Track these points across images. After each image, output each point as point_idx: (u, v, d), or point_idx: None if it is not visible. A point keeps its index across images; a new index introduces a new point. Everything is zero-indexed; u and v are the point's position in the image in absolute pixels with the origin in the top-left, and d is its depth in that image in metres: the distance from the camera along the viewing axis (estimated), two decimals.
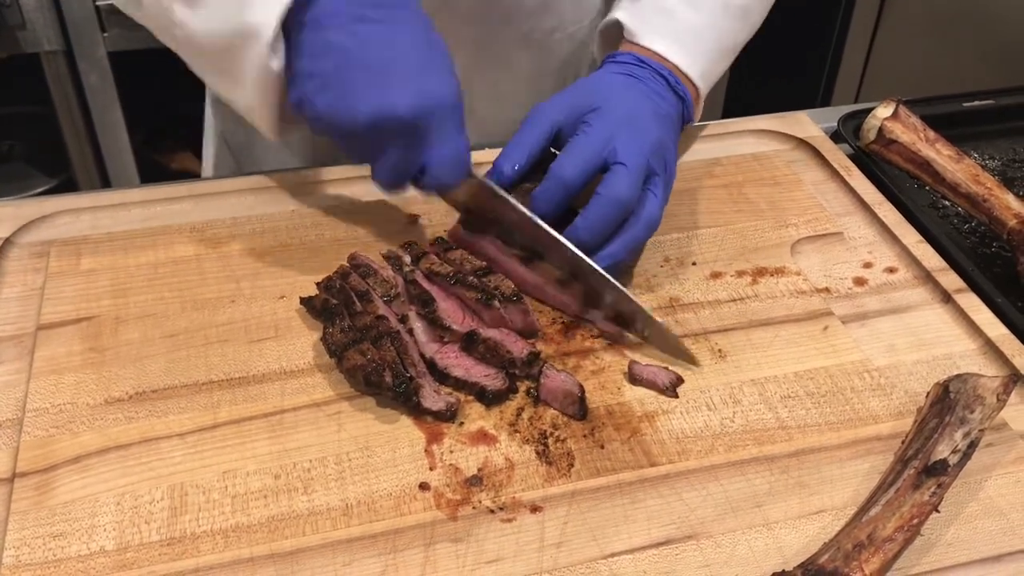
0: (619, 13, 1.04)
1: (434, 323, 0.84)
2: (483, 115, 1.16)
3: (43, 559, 0.69)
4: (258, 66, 0.84)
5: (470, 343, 0.83)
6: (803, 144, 1.14)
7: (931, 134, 1.09)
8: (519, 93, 1.18)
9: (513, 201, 0.88)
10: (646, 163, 0.89)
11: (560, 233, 0.87)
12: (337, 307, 0.84)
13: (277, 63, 0.84)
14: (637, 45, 1.01)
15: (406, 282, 0.87)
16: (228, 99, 0.93)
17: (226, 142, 1.27)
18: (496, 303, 0.85)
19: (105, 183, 2.29)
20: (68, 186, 2.30)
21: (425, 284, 0.86)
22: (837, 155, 1.12)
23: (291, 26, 0.84)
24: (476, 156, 0.92)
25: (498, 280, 0.86)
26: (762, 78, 2.72)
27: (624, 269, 0.93)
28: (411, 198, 1.01)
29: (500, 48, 1.14)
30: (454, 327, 0.84)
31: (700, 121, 1.17)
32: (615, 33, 1.05)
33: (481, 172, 0.90)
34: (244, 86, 0.87)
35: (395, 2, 0.85)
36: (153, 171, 2.40)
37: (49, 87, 2.15)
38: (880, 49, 2.58)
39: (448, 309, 0.85)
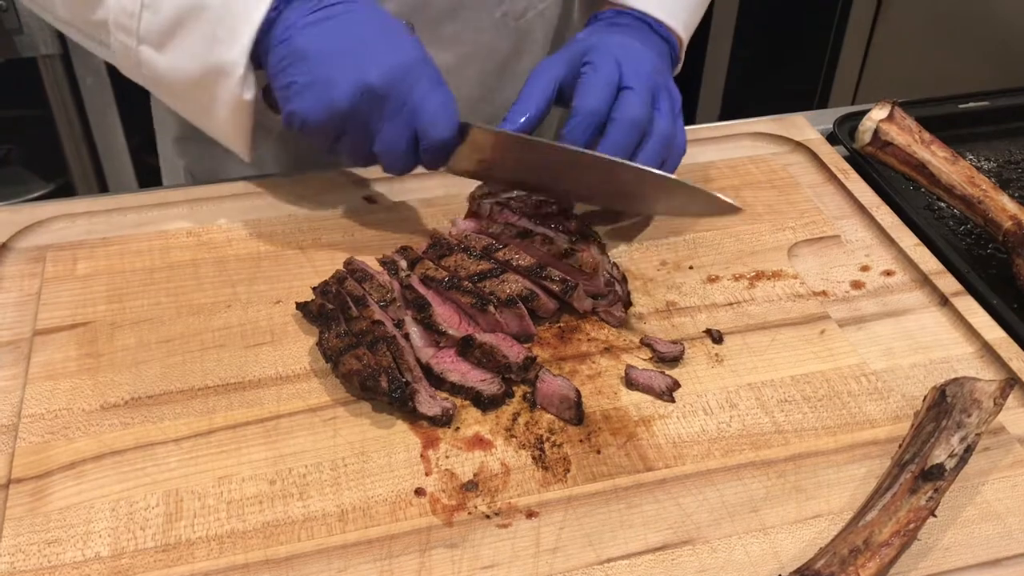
0: None
1: (430, 328, 0.84)
2: (473, 111, 1.16)
3: (38, 566, 0.68)
4: (231, 99, 0.89)
5: (466, 348, 0.83)
6: (800, 147, 1.14)
7: (927, 136, 1.09)
8: (500, 81, 1.19)
9: (527, 135, 0.90)
10: (650, 83, 0.93)
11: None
12: (333, 312, 0.84)
13: (249, 94, 0.89)
14: (618, 4, 1.04)
15: (402, 287, 0.87)
16: (201, 127, 0.97)
17: (192, 176, 1.27)
18: (491, 308, 0.85)
19: (103, 187, 2.28)
20: (65, 190, 2.30)
21: (421, 289, 0.86)
22: (834, 158, 1.12)
23: (259, 52, 0.88)
24: None
25: (493, 285, 0.86)
26: (759, 80, 2.72)
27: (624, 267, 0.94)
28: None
29: (479, 38, 1.15)
30: (450, 332, 0.84)
31: (697, 124, 1.17)
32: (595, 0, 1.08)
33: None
34: (217, 117, 0.92)
35: None
36: (150, 175, 2.39)
37: (46, 91, 2.15)
38: (877, 51, 2.58)
39: (444, 314, 0.85)
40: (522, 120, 0.92)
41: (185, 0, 0.87)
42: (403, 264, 0.90)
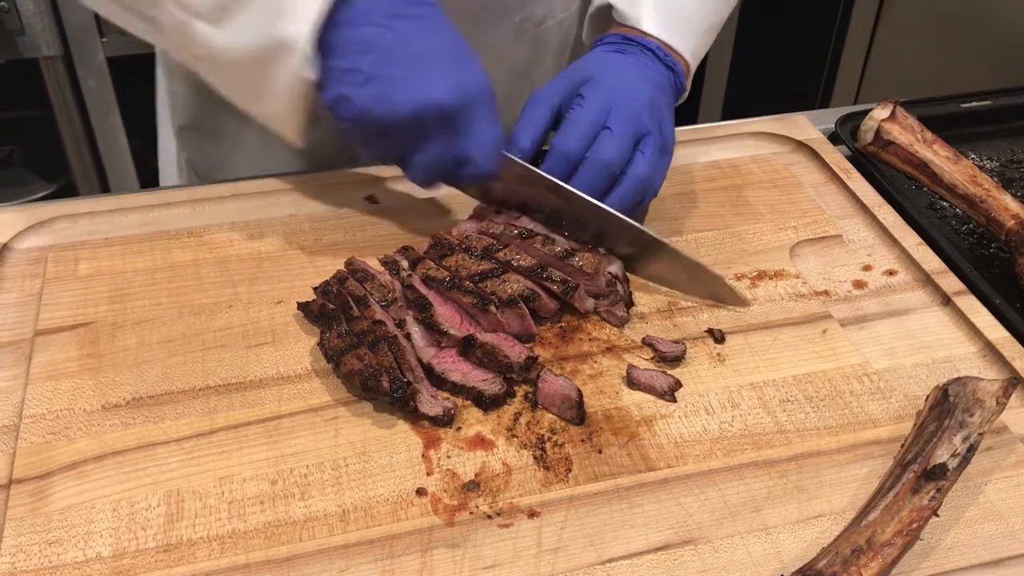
0: None
1: (431, 328, 0.84)
2: None
3: (39, 566, 0.68)
4: (291, 77, 0.85)
5: (468, 348, 0.83)
6: (802, 146, 1.14)
7: (929, 135, 1.09)
8: (516, 87, 1.18)
9: (546, 175, 0.90)
10: (634, 126, 0.91)
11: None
12: (334, 312, 0.84)
13: (312, 73, 0.85)
14: (626, 27, 1.03)
15: (403, 287, 0.87)
16: (249, 110, 0.93)
17: (193, 169, 1.27)
18: (493, 308, 0.84)
19: (104, 187, 2.29)
20: (68, 191, 2.31)
21: (422, 289, 0.86)
22: (836, 157, 1.12)
23: (321, 28, 0.84)
24: None
25: (495, 285, 0.86)
26: (761, 80, 2.72)
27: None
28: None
29: (495, 42, 1.15)
30: (451, 332, 0.84)
31: (699, 124, 1.17)
32: (605, 17, 1.06)
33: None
34: (273, 98, 0.88)
35: (423, 0, 0.88)
36: (152, 175, 2.39)
37: (48, 92, 2.15)
38: (879, 50, 2.58)
39: (445, 314, 0.85)
40: (518, 155, 0.93)
41: None
42: (404, 264, 0.90)
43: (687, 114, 2.67)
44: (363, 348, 0.80)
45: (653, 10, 1.02)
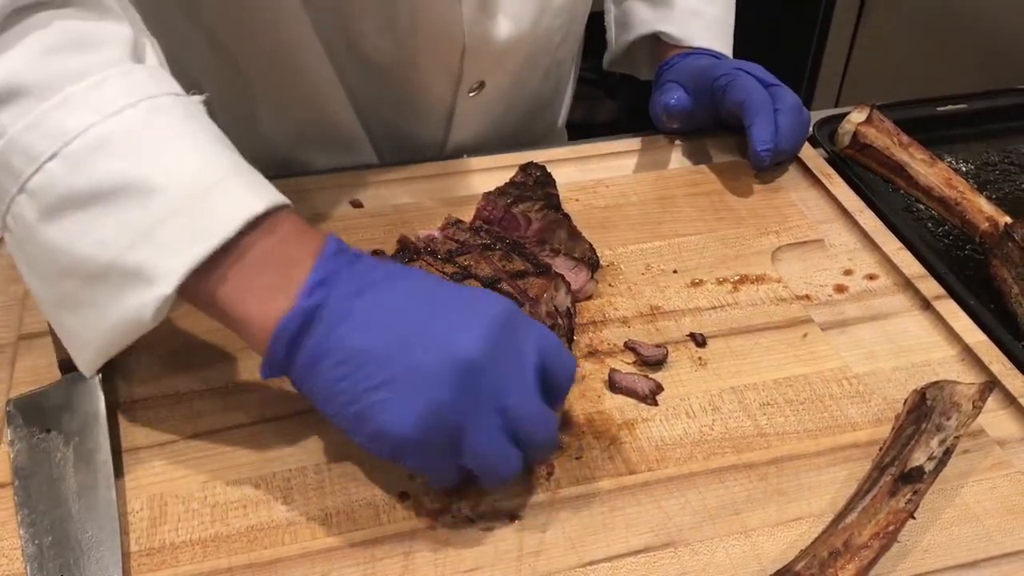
0: (659, 26, 1.20)
1: None
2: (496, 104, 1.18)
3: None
4: (131, 314, 0.67)
5: None
6: None
7: (905, 138, 1.10)
8: (536, 117, 1.26)
9: None
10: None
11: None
12: None
13: (159, 318, 0.68)
14: (682, 47, 1.19)
15: None
16: (51, 318, 0.72)
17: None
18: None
19: None
20: None
21: None
22: (818, 162, 1.12)
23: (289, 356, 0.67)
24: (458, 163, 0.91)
25: (469, 261, 0.85)
26: None
27: (612, 273, 0.94)
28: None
29: (532, 84, 1.19)
30: None
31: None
32: (651, 47, 1.23)
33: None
34: (90, 324, 0.69)
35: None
36: None
37: None
38: (860, 54, 2.59)
39: None
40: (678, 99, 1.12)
41: (130, 172, 0.64)
42: None
43: None
44: None
45: (699, 27, 1.19)
